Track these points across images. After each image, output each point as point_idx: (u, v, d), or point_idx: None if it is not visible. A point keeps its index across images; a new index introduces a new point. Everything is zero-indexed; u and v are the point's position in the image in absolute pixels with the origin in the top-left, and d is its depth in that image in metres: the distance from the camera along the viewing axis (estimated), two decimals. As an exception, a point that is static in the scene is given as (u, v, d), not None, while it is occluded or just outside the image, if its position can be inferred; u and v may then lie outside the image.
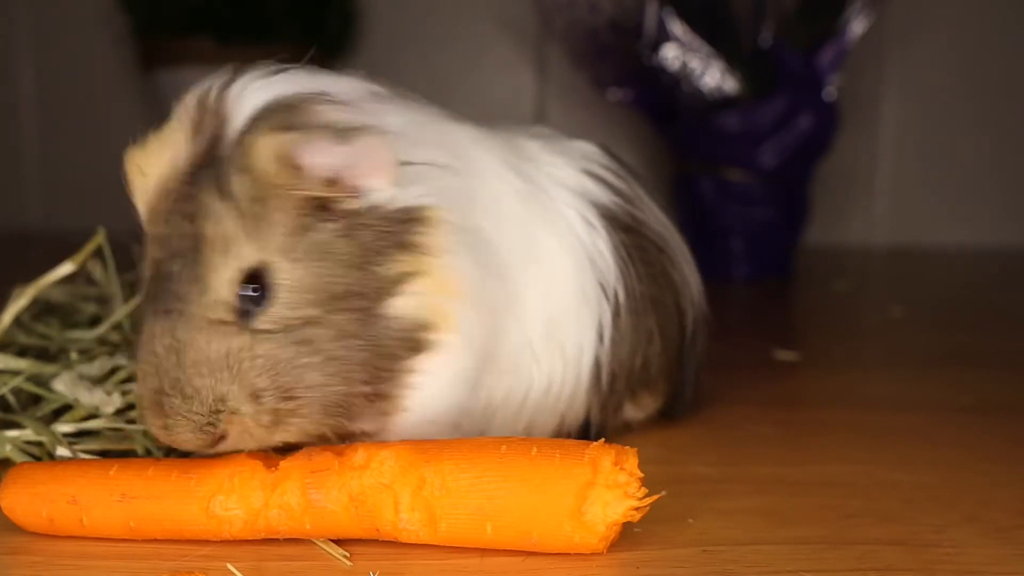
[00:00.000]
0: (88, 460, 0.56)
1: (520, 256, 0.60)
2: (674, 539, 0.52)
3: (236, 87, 0.52)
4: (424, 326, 0.53)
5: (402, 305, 0.52)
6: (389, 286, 0.52)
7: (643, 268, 0.67)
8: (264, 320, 0.50)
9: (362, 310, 0.51)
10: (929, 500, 0.59)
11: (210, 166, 0.49)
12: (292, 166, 0.49)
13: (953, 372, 0.96)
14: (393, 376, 0.53)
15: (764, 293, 1.53)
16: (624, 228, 0.66)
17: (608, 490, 0.48)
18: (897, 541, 0.53)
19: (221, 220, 0.49)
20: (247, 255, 0.49)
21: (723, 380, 0.88)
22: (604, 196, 0.66)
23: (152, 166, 0.52)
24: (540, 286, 0.61)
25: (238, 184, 0.49)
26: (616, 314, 0.64)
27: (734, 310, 1.40)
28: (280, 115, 0.50)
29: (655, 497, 0.49)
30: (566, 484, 0.48)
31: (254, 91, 0.51)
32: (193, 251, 0.49)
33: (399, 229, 0.52)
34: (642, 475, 0.49)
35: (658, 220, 0.71)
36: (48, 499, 0.52)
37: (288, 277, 0.49)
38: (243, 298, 0.49)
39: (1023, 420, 0.78)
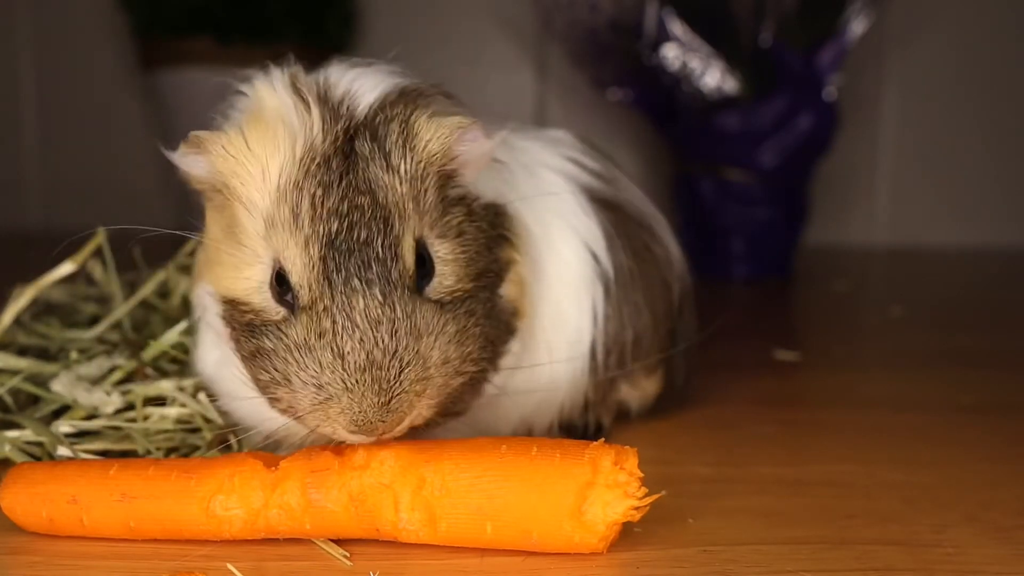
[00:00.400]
0: (88, 460, 0.56)
1: (544, 246, 0.62)
2: (674, 539, 0.52)
3: (343, 73, 0.54)
4: (515, 312, 0.57)
5: (506, 290, 0.56)
6: (502, 270, 0.56)
7: (627, 243, 0.68)
8: (435, 291, 0.51)
9: (492, 289, 0.54)
10: (929, 500, 0.59)
11: (362, 141, 0.51)
12: (450, 151, 0.52)
13: (953, 372, 0.96)
14: (496, 357, 0.56)
15: (764, 293, 1.53)
16: (607, 206, 0.68)
17: (608, 490, 0.48)
18: (897, 541, 0.53)
19: (395, 191, 0.50)
20: (414, 227, 0.50)
21: (723, 380, 0.88)
22: (586, 177, 0.68)
23: (273, 147, 0.50)
24: (554, 276, 0.63)
25: (402, 161, 0.51)
26: (607, 292, 0.65)
27: (734, 310, 1.40)
28: (420, 101, 0.53)
29: (655, 497, 0.49)
30: (566, 484, 0.48)
31: (367, 77, 0.54)
32: (378, 221, 0.49)
33: (496, 222, 0.56)
34: (642, 475, 0.49)
35: (638, 198, 0.72)
36: (48, 499, 0.52)
37: (442, 251, 0.51)
38: (418, 268, 0.50)
39: (1023, 420, 0.78)
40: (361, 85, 0.53)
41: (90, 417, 0.64)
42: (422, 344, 0.49)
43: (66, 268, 0.71)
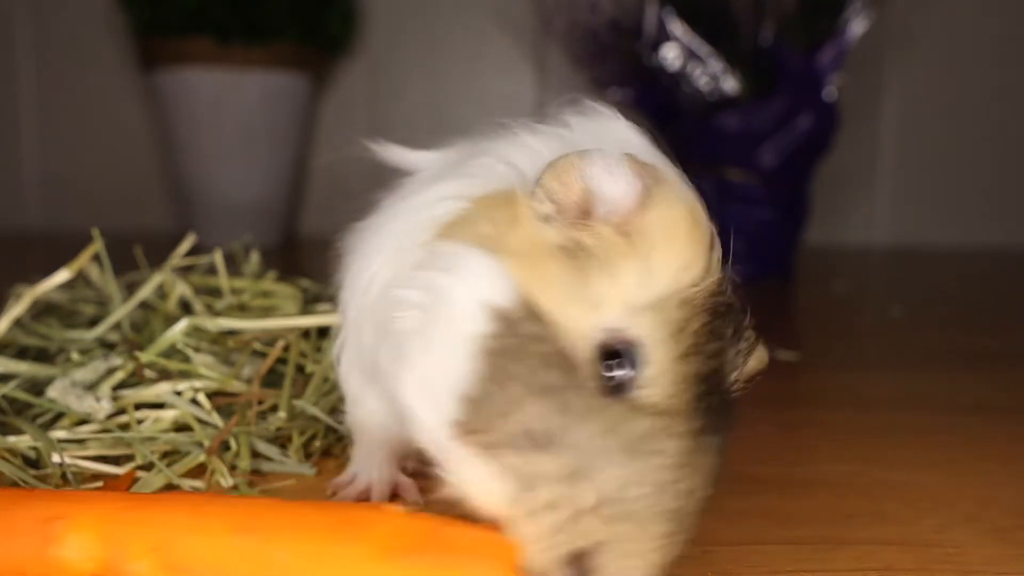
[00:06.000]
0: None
1: None
2: (674, 539, 0.52)
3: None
4: None
5: None
6: None
7: None
8: None
9: None
10: (929, 500, 0.59)
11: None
12: None
13: (953, 372, 0.96)
14: None
15: (764, 293, 1.52)
16: None
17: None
18: (897, 541, 0.53)
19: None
20: None
21: (723, 380, 0.88)
22: None
23: (695, 248, 0.47)
24: None
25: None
26: None
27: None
28: None
29: None
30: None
31: None
32: (726, 375, 0.46)
33: None
34: None
35: None
36: None
37: None
38: None
39: (1023, 420, 0.78)
40: None
41: (85, 422, 0.63)
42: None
43: (62, 276, 0.70)
